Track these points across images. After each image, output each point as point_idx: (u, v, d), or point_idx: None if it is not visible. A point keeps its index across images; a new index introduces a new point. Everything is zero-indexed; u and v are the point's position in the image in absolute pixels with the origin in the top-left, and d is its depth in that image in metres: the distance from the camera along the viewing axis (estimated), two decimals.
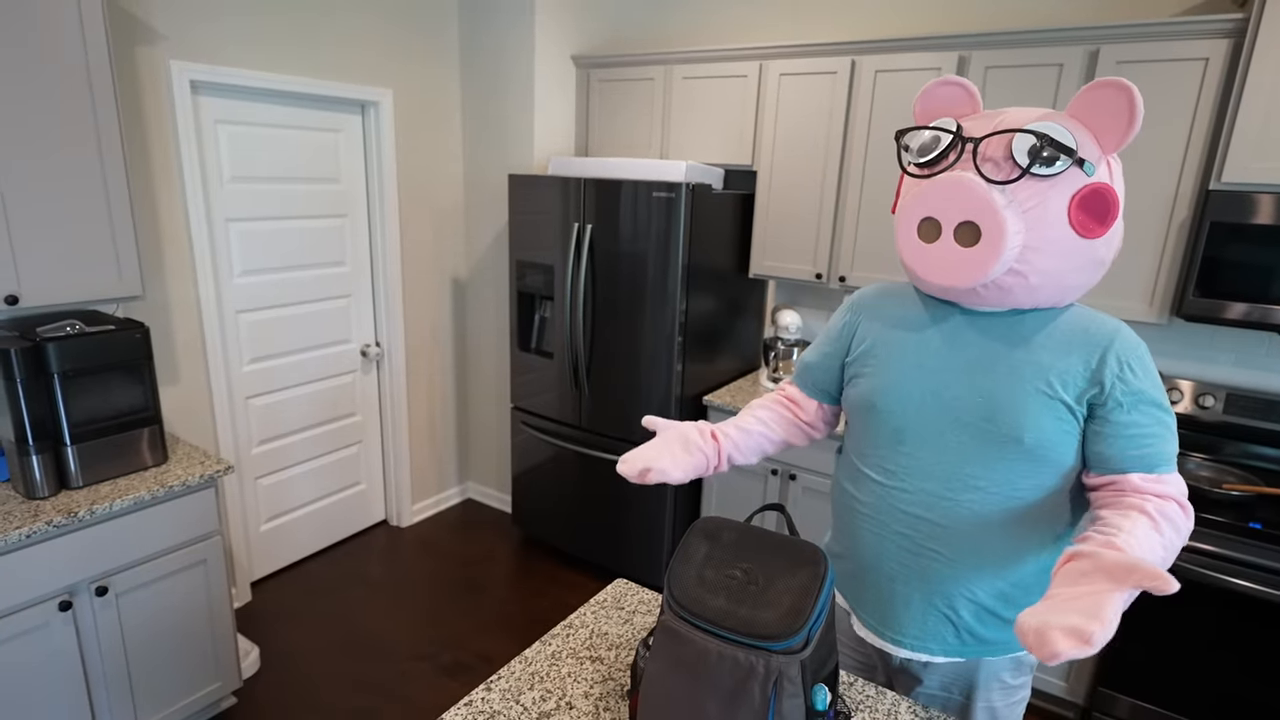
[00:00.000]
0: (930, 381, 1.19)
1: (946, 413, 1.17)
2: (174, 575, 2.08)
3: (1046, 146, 1.01)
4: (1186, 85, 2.13)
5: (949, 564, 1.19)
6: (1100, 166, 1.04)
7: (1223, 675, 2.09)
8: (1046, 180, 1.03)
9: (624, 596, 1.49)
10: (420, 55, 3.21)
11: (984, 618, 1.21)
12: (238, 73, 2.56)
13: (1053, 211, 1.03)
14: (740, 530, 1.08)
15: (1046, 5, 2.56)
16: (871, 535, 1.27)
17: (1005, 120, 1.07)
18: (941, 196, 1.06)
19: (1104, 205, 1.04)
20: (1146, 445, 1.08)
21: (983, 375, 1.15)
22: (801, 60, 2.73)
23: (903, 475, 1.22)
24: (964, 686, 1.28)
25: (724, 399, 2.91)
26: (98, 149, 1.94)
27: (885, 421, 1.23)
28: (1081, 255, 1.07)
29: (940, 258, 1.09)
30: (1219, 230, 2.11)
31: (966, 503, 1.16)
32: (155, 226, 2.45)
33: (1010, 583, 1.19)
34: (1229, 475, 2.28)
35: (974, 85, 1.16)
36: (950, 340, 1.19)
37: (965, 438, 1.15)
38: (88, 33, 1.88)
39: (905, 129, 1.16)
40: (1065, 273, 1.07)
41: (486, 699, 1.18)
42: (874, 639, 1.31)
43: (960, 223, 1.05)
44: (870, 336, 1.30)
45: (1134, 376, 1.08)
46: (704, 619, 0.96)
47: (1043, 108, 1.12)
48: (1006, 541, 1.17)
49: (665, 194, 2.64)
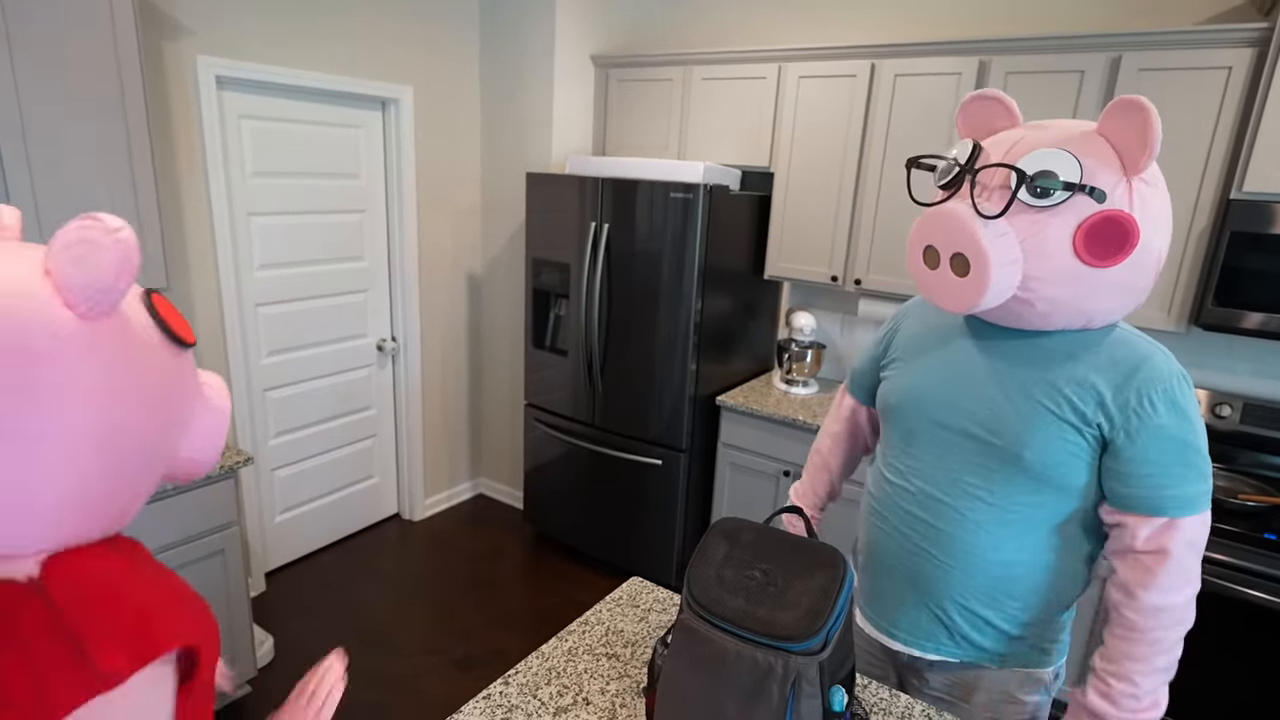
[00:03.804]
0: (946, 389, 1.21)
1: (955, 420, 1.18)
2: (192, 564, 2.10)
3: (1039, 178, 0.99)
4: (1209, 94, 2.13)
5: (940, 567, 1.21)
6: (1117, 192, 0.99)
7: (1235, 686, 2.09)
8: (1045, 211, 1.01)
9: (639, 594, 1.51)
10: (441, 53, 3.23)
11: (979, 625, 1.22)
12: (262, 69, 2.59)
13: (1052, 240, 1.01)
14: (759, 531, 1.09)
15: (1068, 11, 2.56)
16: (877, 531, 1.31)
17: (1020, 147, 1.05)
18: (935, 227, 1.07)
19: (1117, 233, 0.99)
20: (1159, 488, 1.05)
21: (995, 388, 1.15)
22: (821, 63, 2.74)
23: (909, 475, 1.25)
24: (967, 693, 1.28)
25: (737, 400, 2.91)
26: (126, 142, 1.97)
27: (900, 422, 1.27)
28: (1095, 282, 1.02)
29: (941, 284, 1.09)
30: (1239, 240, 2.10)
31: (962, 509, 1.18)
32: (180, 219, 2.48)
33: (1012, 599, 1.19)
34: (1245, 486, 2.27)
35: (1011, 100, 1.13)
36: (974, 352, 1.20)
37: (969, 447, 1.17)
38: (118, 28, 1.91)
39: (915, 158, 1.16)
40: (1079, 298, 1.04)
41: (504, 693, 1.19)
42: (871, 630, 1.34)
43: (954, 253, 1.05)
44: (905, 342, 1.34)
45: (1152, 411, 1.04)
46: (723, 619, 0.97)
47: (1079, 123, 1.08)
48: (1003, 558, 1.17)
49: (682, 194, 2.65)
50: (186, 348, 0.75)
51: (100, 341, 0.63)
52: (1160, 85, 2.18)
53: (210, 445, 0.79)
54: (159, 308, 0.71)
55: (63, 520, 0.64)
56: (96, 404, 0.63)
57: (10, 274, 0.59)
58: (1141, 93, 2.20)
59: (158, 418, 0.70)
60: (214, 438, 0.79)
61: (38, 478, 0.61)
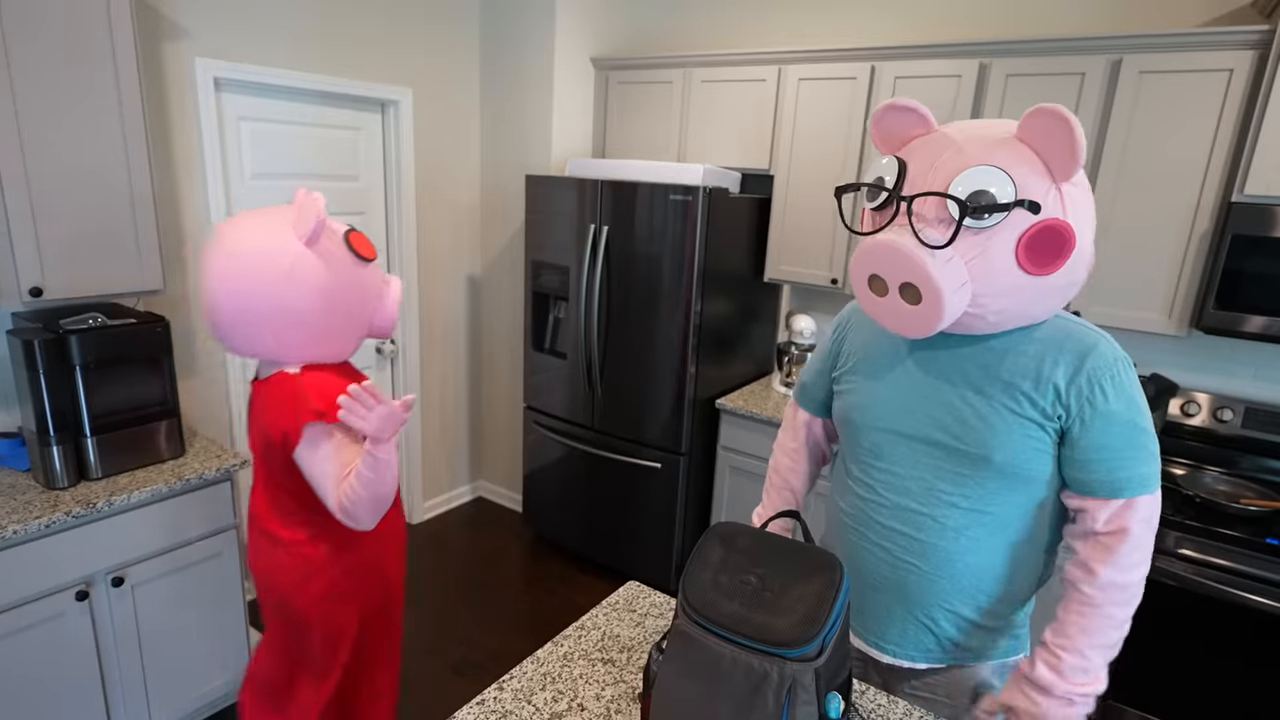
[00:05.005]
0: (904, 399, 1.21)
1: (920, 430, 1.19)
2: (190, 568, 2.09)
3: (976, 200, 0.98)
4: (1210, 96, 2.12)
5: (925, 578, 1.21)
6: (1049, 200, 0.99)
7: (1236, 691, 2.07)
8: (985, 231, 1.00)
9: (636, 599, 1.50)
10: (441, 55, 3.23)
11: (965, 628, 1.23)
12: (261, 70, 2.58)
13: (997, 257, 1.01)
14: (756, 536, 1.08)
15: (1069, 13, 2.55)
16: (853, 546, 1.31)
17: (947, 166, 1.02)
18: (879, 259, 1.05)
19: (1056, 241, 1.00)
20: (1114, 470, 1.08)
21: (953, 393, 1.16)
22: (821, 65, 2.73)
23: (880, 489, 1.25)
24: (953, 693, 1.30)
25: (737, 403, 2.91)
26: (123, 144, 1.97)
27: (864, 437, 1.27)
28: (1039, 288, 1.04)
29: (891, 311, 1.08)
30: (1240, 243, 2.09)
31: (940, 518, 1.18)
32: (177, 221, 2.47)
33: (991, 596, 1.21)
34: (1247, 490, 2.26)
35: (925, 108, 1.11)
36: (927, 360, 1.20)
37: (938, 455, 1.17)
38: (115, 29, 1.90)
39: (843, 186, 1.16)
40: (1026, 305, 1.06)
41: (499, 698, 1.18)
42: (860, 645, 1.34)
43: (903, 283, 1.04)
44: (855, 352, 1.33)
45: (1103, 398, 1.07)
46: (718, 624, 0.96)
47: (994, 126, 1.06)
48: (982, 558, 1.18)
49: (682, 197, 2.65)
50: (368, 262, 1.51)
51: (315, 256, 1.40)
52: (1161, 88, 2.17)
53: (385, 317, 1.57)
54: (351, 239, 1.49)
55: (306, 349, 1.45)
56: (315, 287, 1.40)
57: (274, 222, 1.40)
58: (1142, 95, 2.20)
59: (351, 298, 1.47)
60: (388, 312, 1.57)
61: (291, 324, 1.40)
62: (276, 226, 1.39)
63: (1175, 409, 2.50)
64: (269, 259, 1.36)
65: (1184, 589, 2.09)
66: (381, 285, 1.55)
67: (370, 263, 1.51)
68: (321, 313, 1.41)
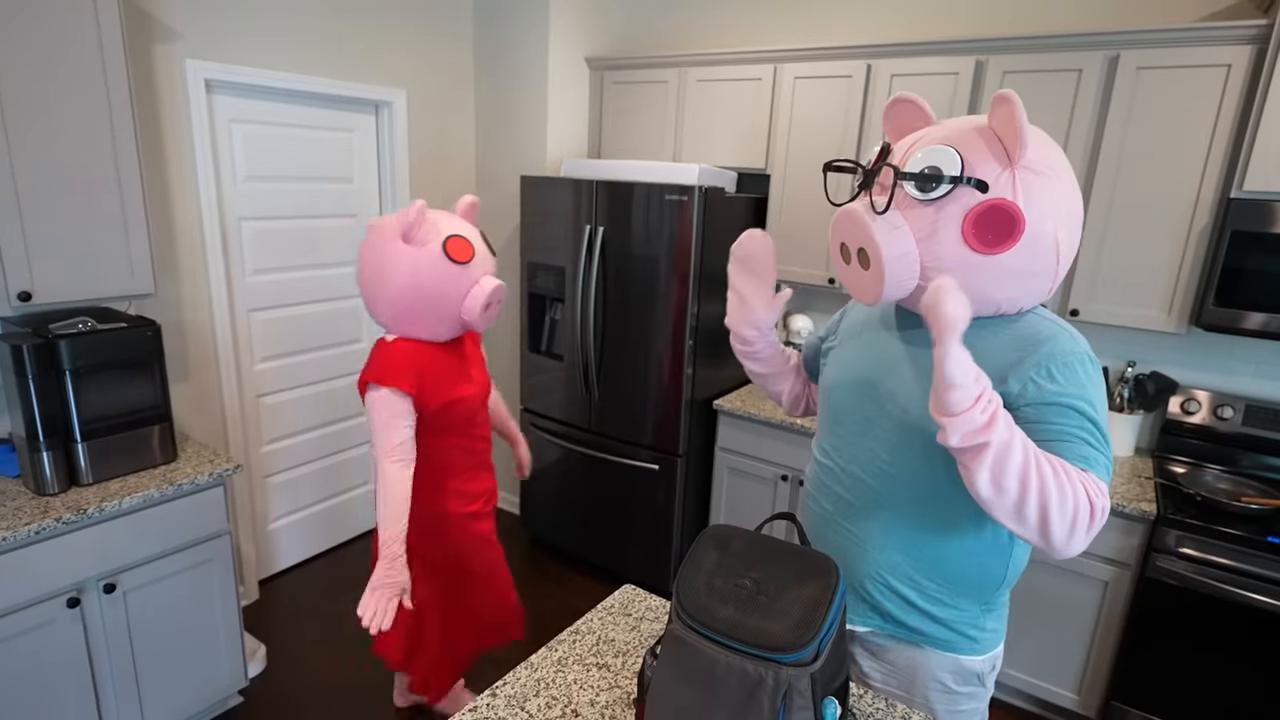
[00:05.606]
0: (870, 371, 1.26)
1: (875, 402, 1.24)
2: (182, 573, 2.08)
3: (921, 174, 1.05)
4: (1208, 92, 2.10)
5: (857, 544, 1.27)
6: (1000, 181, 1.03)
7: (1238, 690, 2.05)
8: (931, 204, 1.05)
9: (631, 603, 1.48)
10: (435, 56, 3.21)
11: (899, 604, 1.25)
12: (252, 72, 2.57)
13: (942, 231, 1.06)
14: (750, 539, 1.07)
15: (1066, 10, 2.54)
16: (808, 510, 1.40)
17: (915, 146, 1.10)
18: (841, 225, 1.14)
19: (1003, 220, 1.03)
20: (1057, 446, 1.02)
21: (909, 369, 1.20)
22: (816, 63, 2.72)
23: (834, 454, 1.32)
24: (904, 681, 1.31)
25: (735, 404, 2.89)
26: (112, 147, 1.95)
27: (829, 400, 1.35)
28: (989, 271, 1.06)
29: (854, 277, 1.16)
30: (1240, 239, 2.07)
31: (875, 486, 1.23)
32: (169, 224, 2.46)
33: (925, 575, 1.22)
34: (1248, 488, 2.24)
35: (923, 101, 1.20)
36: (896, 339, 1.26)
37: (887, 426, 1.22)
38: (103, 31, 1.89)
39: (830, 162, 1.21)
40: (982, 287, 1.08)
41: (491, 705, 1.17)
42: None
43: (858, 248, 1.11)
44: (847, 329, 1.40)
45: (1050, 382, 1.06)
46: (713, 629, 0.94)
47: (974, 119, 1.12)
48: (911, 532, 1.21)
49: (678, 197, 2.63)
50: (461, 264, 1.76)
51: (409, 250, 1.73)
52: (1159, 83, 2.16)
53: (469, 310, 1.80)
54: (448, 244, 1.75)
55: (400, 324, 1.81)
56: (409, 275, 1.73)
57: (386, 226, 1.78)
58: (1140, 91, 2.18)
59: (435, 290, 1.75)
60: (473, 307, 1.80)
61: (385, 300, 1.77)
62: (394, 225, 1.76)
63: (1175, 407, 2.49)
64: (378, 247, 1.76)
65: (1185, 588, 2.08)
66: (471, 284, 1.79)
67: (463, 265, 1.77)
68: (408, 297, 1.74)
